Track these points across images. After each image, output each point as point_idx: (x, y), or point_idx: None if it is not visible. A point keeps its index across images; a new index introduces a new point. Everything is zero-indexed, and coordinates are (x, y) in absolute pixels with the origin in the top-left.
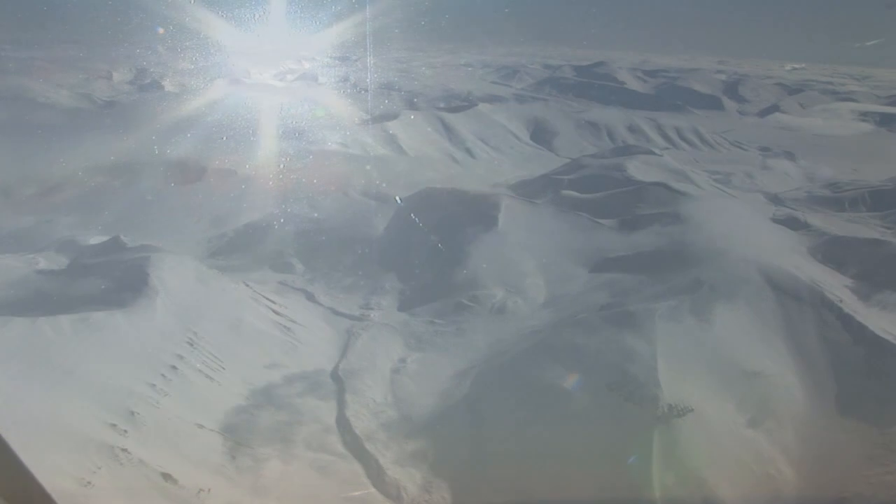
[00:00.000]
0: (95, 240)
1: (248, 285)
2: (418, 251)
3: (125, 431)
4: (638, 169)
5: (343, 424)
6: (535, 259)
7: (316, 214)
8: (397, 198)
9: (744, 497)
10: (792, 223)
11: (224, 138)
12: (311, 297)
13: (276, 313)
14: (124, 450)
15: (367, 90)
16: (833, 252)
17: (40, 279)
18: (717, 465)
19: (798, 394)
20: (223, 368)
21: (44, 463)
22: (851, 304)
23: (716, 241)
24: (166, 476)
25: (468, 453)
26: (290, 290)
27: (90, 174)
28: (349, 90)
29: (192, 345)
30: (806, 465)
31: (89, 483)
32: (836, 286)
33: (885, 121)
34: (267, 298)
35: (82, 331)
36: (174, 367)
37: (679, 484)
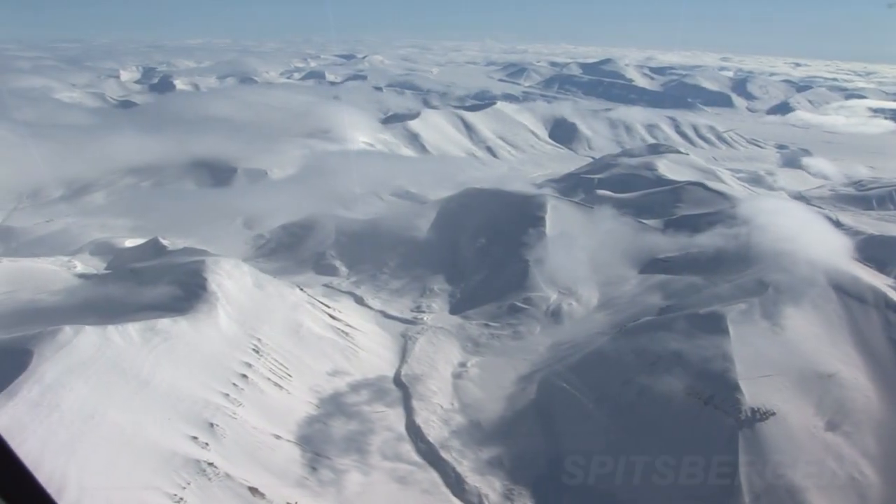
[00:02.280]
0: (130, 241)
1: (302, 289)
2: (464, 253)
3: (206, 444)
4: (668, 168)
5: (414, 432)
6: (584, 260)
7: (352, 215)
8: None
9: (830, 500)
10: None
11: (248, 137)
12: (359, 300)
13: (333, 318)
14: (210, 464)
15: (380, 88)
16: (872, 251)
17: (85, 284)
18: (802, 468)
19: (872, 395)
20: (290, 376)
21: (135, 478)
22: None
23: (774, 242)
24: (253, 490)
25: (545, 459)
26: (338, 293)
27: (117, 175)
28: (362, 88)
29: (257, 352)
30: (888, 466)
31: (181, 500)
32: (882, 286)
33: None
34: (321, 302)
35: (151, 339)
36: (244, 376)
37: (766, 488)
